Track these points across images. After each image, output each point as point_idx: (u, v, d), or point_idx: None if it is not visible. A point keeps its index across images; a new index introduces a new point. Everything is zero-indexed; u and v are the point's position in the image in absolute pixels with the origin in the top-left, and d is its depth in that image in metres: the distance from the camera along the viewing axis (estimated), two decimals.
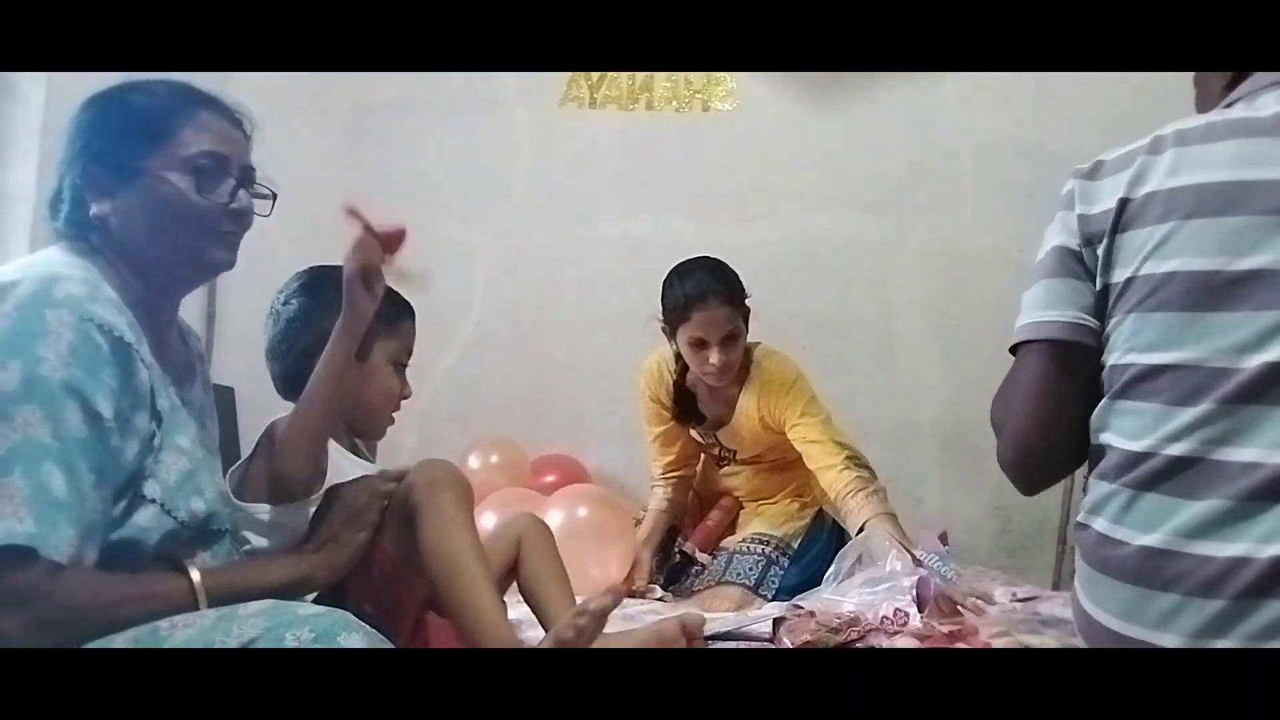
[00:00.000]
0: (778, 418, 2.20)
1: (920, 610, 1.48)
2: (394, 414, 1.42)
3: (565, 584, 1.41)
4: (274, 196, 1.20)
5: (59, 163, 1.11)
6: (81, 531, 0.94)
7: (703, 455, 2.49)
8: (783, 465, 2.36)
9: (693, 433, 2.39)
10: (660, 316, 2.19)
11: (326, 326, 1.25)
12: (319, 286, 1.36)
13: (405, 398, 1.42)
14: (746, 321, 2.17)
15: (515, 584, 1.45)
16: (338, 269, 1.26)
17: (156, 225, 1.08)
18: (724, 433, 2.33)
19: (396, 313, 1.39)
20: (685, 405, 2.31)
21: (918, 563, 1.61)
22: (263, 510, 1.23)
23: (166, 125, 1.10)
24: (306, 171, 3.16)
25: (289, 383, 1.34)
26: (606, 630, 1.21)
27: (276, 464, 1.21)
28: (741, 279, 2.18)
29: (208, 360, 1.29)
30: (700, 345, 2.11)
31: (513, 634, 1.21)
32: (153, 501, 1.03)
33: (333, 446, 1.31)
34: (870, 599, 1.52)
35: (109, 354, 0.98)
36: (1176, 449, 1.02)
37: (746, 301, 2.17)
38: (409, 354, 1.43)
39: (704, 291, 2.09)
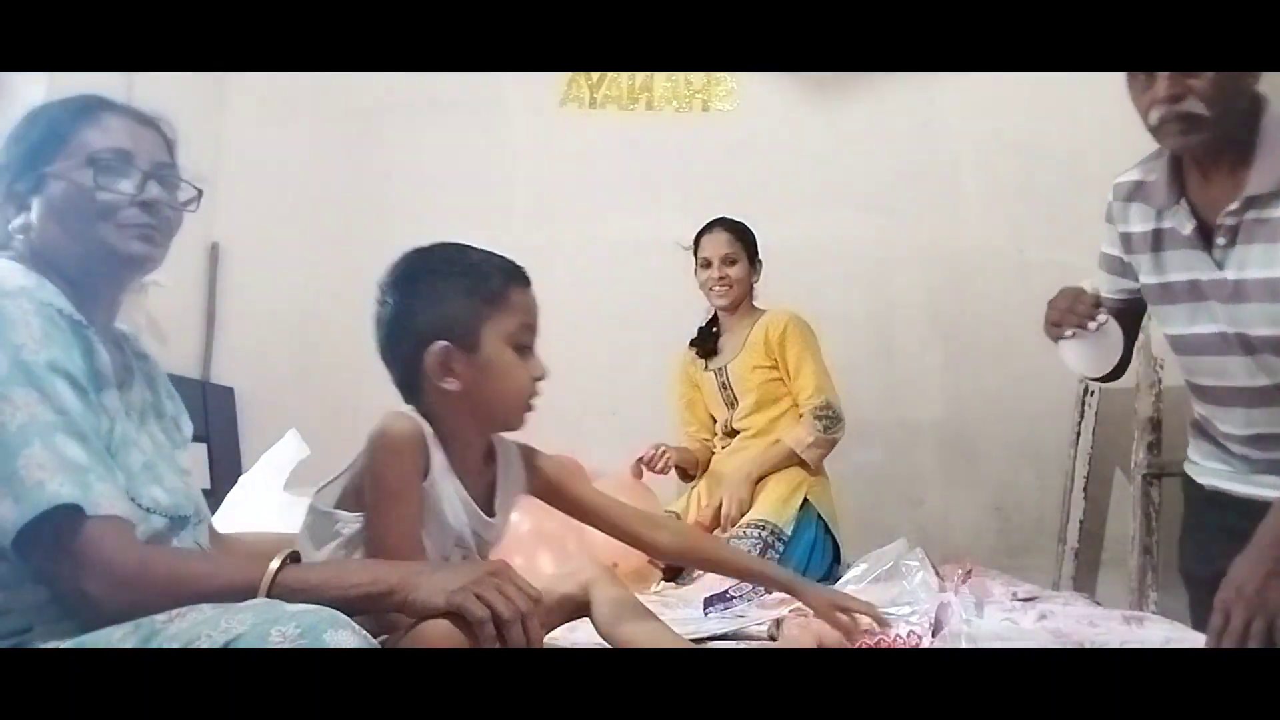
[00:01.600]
0: (784, 344, 2.52)
1: (934, 635, 1.47)
2: (532, 400, 1.24)
3: (654, 617, 1.37)
4: (199, 194, 1.19)
5: None
6: (114, 489, 0.98)
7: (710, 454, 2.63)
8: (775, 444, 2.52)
9: (708, 378, 2.64)
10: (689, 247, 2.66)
11: (423, 322, 1.17)
12: (409, 279, 1.21)
13: (539, 379, 1.24)
14: (752, 262, 2.60)
15: (594, 627, 1.36)
16: (430, 250, 1.22)
17: (63, 222, 1.10)
18: (733, 366, 2.58)
19: (498, 285, 1.20)
20: (707, 332, 2.69)
21: (944, 591, 1.59)
22: (346, 518, 1.16)
23: (69, 130, 1.12)
24: (307, 171, 3.17)
25: (406, 389, 1.22)
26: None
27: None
28: (757, 243, 2.61)
29: (159, 360, 1.27)
30: (706, 265, 2.59)
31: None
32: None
33: (441, 462, 1.19)
34: (886, 612, 1.52)
35: (71, 335, 1.02)
36: None
37: (758, 259, 2.61)
38: (532, 330, 1.23)
39: (711, 225, 2.64)
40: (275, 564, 1.01)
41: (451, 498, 1.20)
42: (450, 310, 1.18)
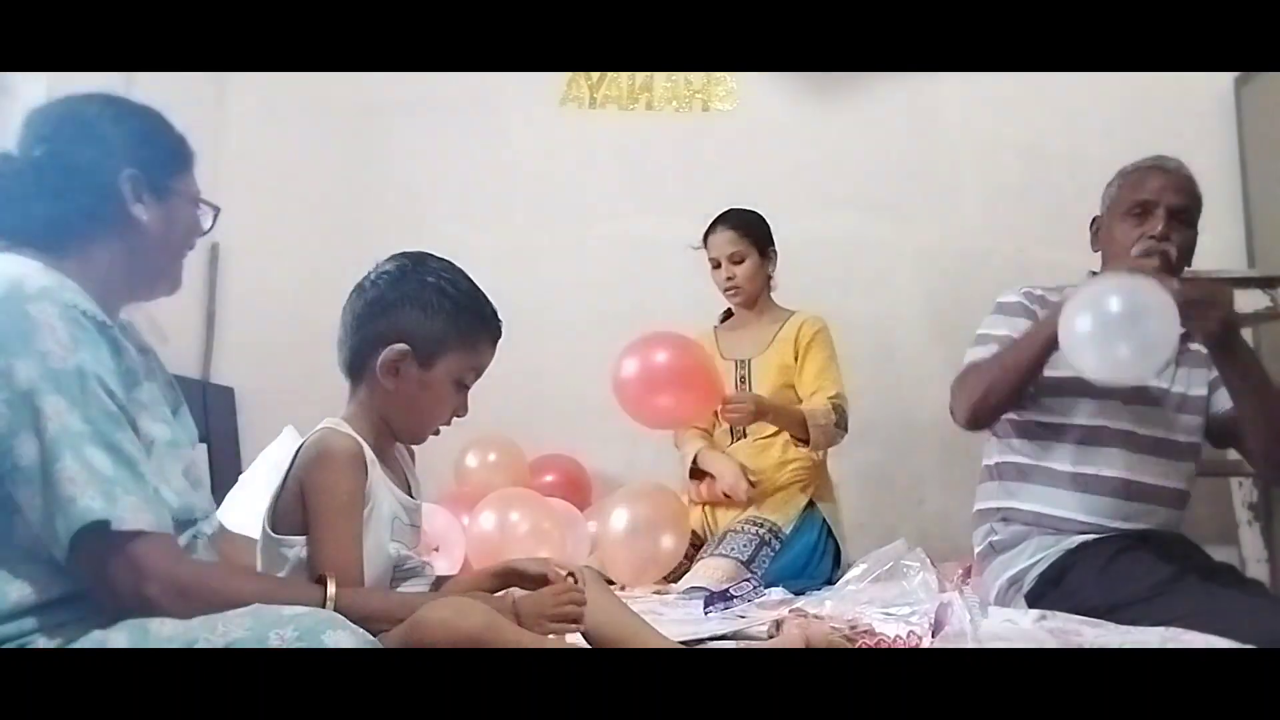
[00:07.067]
0: (808, 345, 2.51)
1: (934, 635, 1.47)
2: (441, 427, 1.32)
3: (639, 619, 1.38)
4: (217, 211, 1.24)
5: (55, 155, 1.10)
6: (142, 498, 0.97)
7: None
8: (784, 446, 2.48)
9: (726, 366, 2.58)
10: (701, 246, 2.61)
11: (402, 320, 1.24)
12: (411, 276, 1.27)
13: (459, 416, 1.32)
14: (764, 255, 2.54)
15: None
16: (445, 264, 1.29)
17: (166, 241, 1.16)
18: (758, 361, 2.55)
19: (477, 327, 1.28)
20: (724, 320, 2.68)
21: (944, 591, 1.59)
22: (296, 543, 1.18)
23: (185, 158, 1.19)
24: (307, 171, 3.17)
25: (350, 365, 1.30)
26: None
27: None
28: (770, 229, 2.57)
29: (160, 357, 1.27)
30: (715, 265, 2.56)
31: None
32: None
33: (378, 473, 1.25)
34: (886, 612, 1.52)
35: (98, 336, 1.01)
36: None
37: (770, 248, 2.56)
38: (478, 374, 1.31)
39: (715, 222, 2.57)
40: (332, 588, 1.04)
41: (388, 496, 1.26)
42: (431, 324, 1.24)
